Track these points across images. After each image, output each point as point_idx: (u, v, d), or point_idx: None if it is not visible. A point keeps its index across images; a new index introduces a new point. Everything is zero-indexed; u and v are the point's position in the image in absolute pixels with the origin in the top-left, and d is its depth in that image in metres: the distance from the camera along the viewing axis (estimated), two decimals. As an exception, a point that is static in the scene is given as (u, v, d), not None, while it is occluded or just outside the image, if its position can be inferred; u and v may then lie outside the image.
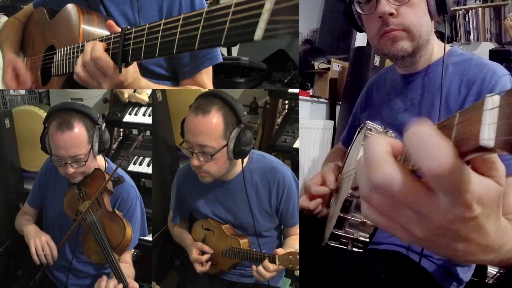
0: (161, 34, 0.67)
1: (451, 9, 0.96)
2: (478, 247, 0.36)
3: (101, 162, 1.16)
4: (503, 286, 1.28)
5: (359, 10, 0.98)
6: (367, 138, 0.34)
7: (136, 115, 1.62)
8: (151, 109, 1.58)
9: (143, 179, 1.65)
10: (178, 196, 1.25)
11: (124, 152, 1.64)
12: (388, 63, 1.83)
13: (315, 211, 1.01)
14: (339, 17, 3.06)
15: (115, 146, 1.67)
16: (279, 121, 1.60)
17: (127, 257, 1.18)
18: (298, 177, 1.15)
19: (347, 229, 0.84)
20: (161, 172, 1.46)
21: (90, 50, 0.77)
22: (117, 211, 1.11)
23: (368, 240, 0.82)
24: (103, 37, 0.81)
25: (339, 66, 2.75)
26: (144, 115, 1.61)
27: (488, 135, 0.28)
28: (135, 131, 1.69)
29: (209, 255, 1.17)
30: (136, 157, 1.60)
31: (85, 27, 0.90)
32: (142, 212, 1.19)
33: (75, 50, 0.87)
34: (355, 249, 0.84)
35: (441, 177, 0.30)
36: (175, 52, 0.65)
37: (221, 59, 1.07)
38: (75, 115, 1.04)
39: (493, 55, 2.24)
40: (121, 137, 1.70)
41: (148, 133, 1.63)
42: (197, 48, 0.61)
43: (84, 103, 1.59)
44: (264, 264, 1.06)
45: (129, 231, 1.09)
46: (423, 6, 0.93)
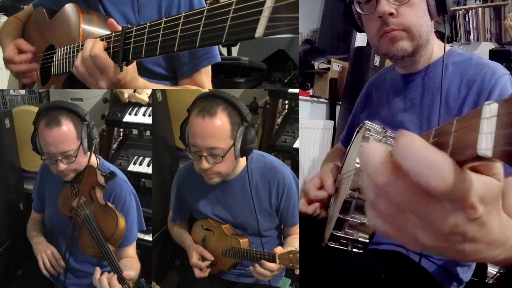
0: (162, 32, 0.67)
1: (451, 9, 0.96)
2: (484, 244, 0.36)
3: (93, 159, 1.17)
4: (503, 286, 1.28)
5: (359, 10, 0.98)
6: (361, 148, 0.34)
7: (136, 115, 1.62)
8: (151, 109, 1.58)
9: (143, 179, 1.64)
10: (178, 196, 1.25)
11: (124, 152, 1.64)
12: (388, 63, 1.83)
13: (313, 214, 1.01)
14: (339, 17, 3.06)
15: (115, 146, 1.67)
16: (279, 121, 1.60)
17: (130, 251, 1.19)
18: (298, 177, 1.15)
19: (346, 230, 0.83)
20: (161, 172, 1.45)
21: (89, 47, 0.78)
22: (109, 204, 1.12)
23: (368, 241, 0.82)
24: (104, 36, 0.81)
25: (339, 66, 2.75)
26: (144, 115, 1.61)
27: (486, 145, 0.27)
28: (135, 131, 1.68)
29: (209, 262, 1.17)
30: (136, 157, 1.60)
31: (85, 26, 0.90)
32: (137, 206, 1.20)
33: (75, 49, 0.87)
34: (355, 250, 0.84)
35: (446, 193, 0.30)
36: (176, 50, 0.65)
37: (219, 58, 1.07)
38: (62, 112, 1.06)
39: (493, 55, 2.24)
40: (121, 137, 1.70)
41: (148, 133, 1.63)
42: (198, 45, 0.61)
43: (84, 103, 1.59)
44: (264, 264, 1.06)
45: (122, 222, 1.11)
46: (423, 6, 0.93)
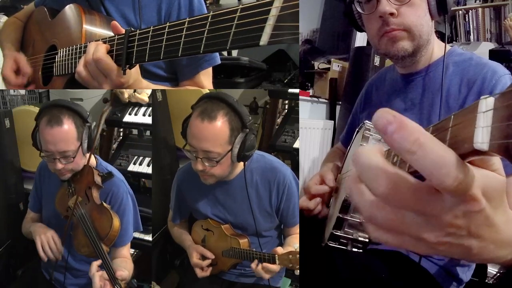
0: (166, 37, 0.67)
1: (451, 9, 0.96)
2: (491, 243, 0.36)
3: (92, 159, 1.17)
4: (503, 286, 1.28)
5: (360, 10, 0.98)
6: (355, 154, 0.34)
7: (136, 115, 1.62)
8: (151, 109, 1.58)
9: (143, 179, 1.64)
10: (178, 196, 1.25)
11: (124, 152, 1.64)
12: (388, 63, 1.84)
13: (315, 210, 1.01)
14: (339, 17, 3.06)
15: (115, 146, 1.67)
16: (279, 121, 1.60)
17: (125, 251, 1.19)
18: (298, 177, 1.15)
19: (346, 230, 0.83)
20: (161, 172, 1.45)
21: (92, 50, 0.78)
22: (105, 204, 1.12)
23: (367, 240, 0.82)
24: (107, 38, 0.81)
25: (339, 66, 2.75)
26: (144, 115, 1.61)
27: (482, 138, 0.28)
28: (135, 131, 1.69)
29: (210, 261, 1.17)
30: (136, 157, 1.60)
31: (87, 27, 0.90)
32: (134, 206, 1.20)
33: (77, 50, 0.87)
34: (355, 249, 0.84)
35: (453, 188, 0.30)
36: (180, 55, 0.65)
37: (219, 60, 1.07)
38: (65, 112, 1.06)
39: (493, 55, 2.23)
40: (121, 137, 1.70)
41: (148, 133, 1.63)
42: (202, 51, 0.61)
43: (84, 103, 1.59)
44: (263, 264, 1.06)
45: (117, 222, 1.11)
46: (424, 6, 0.93)
